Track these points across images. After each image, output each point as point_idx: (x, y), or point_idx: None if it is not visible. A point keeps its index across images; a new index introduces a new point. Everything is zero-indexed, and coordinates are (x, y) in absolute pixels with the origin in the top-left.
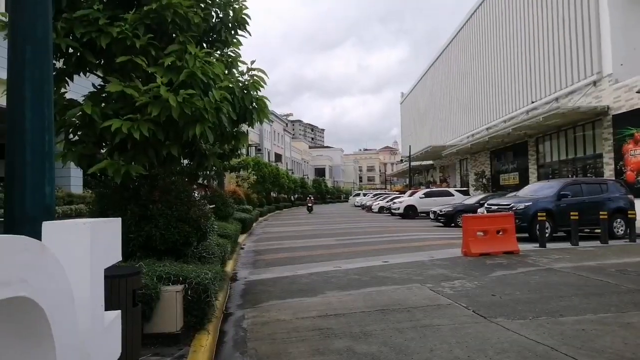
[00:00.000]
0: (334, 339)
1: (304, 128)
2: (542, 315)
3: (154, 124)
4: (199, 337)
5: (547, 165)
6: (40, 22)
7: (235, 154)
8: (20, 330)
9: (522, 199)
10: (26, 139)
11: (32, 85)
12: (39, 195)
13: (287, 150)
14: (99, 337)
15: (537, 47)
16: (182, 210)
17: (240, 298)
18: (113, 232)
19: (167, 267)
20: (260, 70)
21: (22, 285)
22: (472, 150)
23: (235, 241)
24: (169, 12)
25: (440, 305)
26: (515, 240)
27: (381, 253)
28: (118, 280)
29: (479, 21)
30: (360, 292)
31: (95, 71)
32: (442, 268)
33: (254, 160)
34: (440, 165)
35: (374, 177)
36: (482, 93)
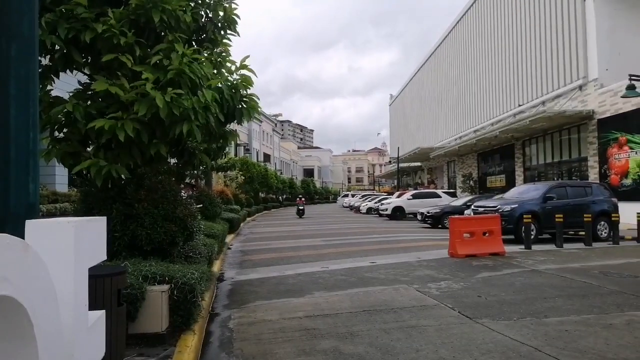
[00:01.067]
0: (320, 339)
1: (293, 128)
2: (526, 316)
3: (140, 123)
4: (185, 337)
5: (533, 167)
6: (26, 19)
7: (223, 152)
8: (1, 330)
9: (509, 201)
10: (10, 136)
11: (17, 82)
12: (22, 193)
13: (275, 151)
14: (82, 336)
15: (525, 51)
16: (168, 209)
17: (226, 298)
18: (98, 231)
19: (153, 266)
20: (249, 70)
21: (4, 284)
22: (460, 152)
23: (222, 241)
24: (157, 10)
25: (426, 306)
26: (501, 241)
27: (368, 254)
28: (103, 279)
29: (468, 25)
30: (347, 292)
31: (82, 69)
32: (429, 269)
33: (242, 160)
34: (428, 167)
35: (362, 178)
36: (470, 96)
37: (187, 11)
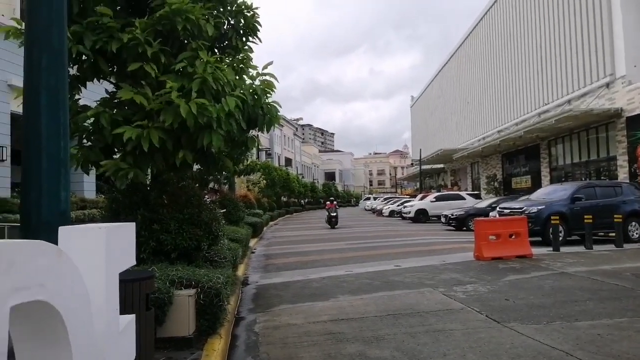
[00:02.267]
0: (345, 343)
1: (314, 132)
2: (556, 320)
3: (164, 132)
4: (211, 341)
5: (559, 168)
6: (56, 31)
7: (245, 158)
8: (37, 334)
9: (535, 202)
10: (42, 146)
11: (48, 92)
12: (54, 201)
13: (297, 155)
14: (114, 340)
15: (549, 49)
16: (193, 214)
17: (251, 302)
18: (127, 237)
19: (179, 271)
20: (271, 75)
21: (39, 290)
22: (484, 153)
23: (246, 245)
24: (180, 18)
25: (452, 310)
26: (528, 244)
27: (392, 257)
28: (132, 284)
29: (490, 23)
30: (372, 296)
31: (109, 78)
32: (454, 272)
33: (264, 165)
34: (451, 168)
35: (384, 181)
36: (493, 96)
37: (209, 19)
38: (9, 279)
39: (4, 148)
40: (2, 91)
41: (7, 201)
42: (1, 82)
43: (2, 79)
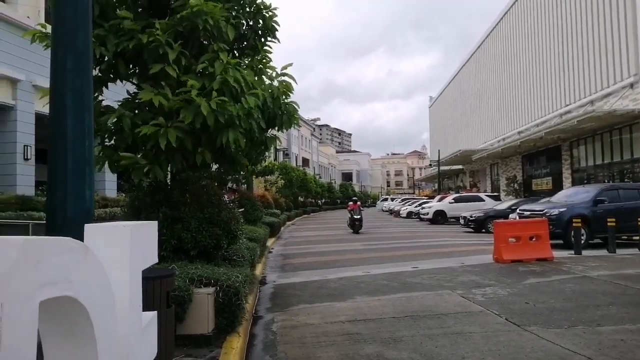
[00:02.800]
0: (363, 344)
1: (331, 132)
2: (578, 325)
3: (183, 132)
4: (230, 339)
5: (581, 170)
6: (81, 33)
7: (263, 158)
8: (64, 329)
9: (556, 204)
10: (68, 145)
11: (74, 93)
12: (79, 200)
13: (314, 155)
14: (137, 337)
15: (571, 49)
16: (213, 213)
17: (269, 301)
18: (150, 235)
19: (198, 269)
20: (289, 76)
21: (67, 285)
22: (503, 154)
23: (264, 245)
24: (201, 20)
25: (471, 312)
26: (549, 246)
27: (410, 259)
28: (153, 281)
29: (511, 23)
30: (390, 297)
31: (130, 79)
32: (473, 274)
33: (281, 165)
34: (470, 169)
35: (401, 182)
36: (513, 96)
37: (229, 20)
38: (38, 274)
39: (28, 147)
40: (27, 91)
41: (31, 199)
42: (26, 82)
43: (27, 79)
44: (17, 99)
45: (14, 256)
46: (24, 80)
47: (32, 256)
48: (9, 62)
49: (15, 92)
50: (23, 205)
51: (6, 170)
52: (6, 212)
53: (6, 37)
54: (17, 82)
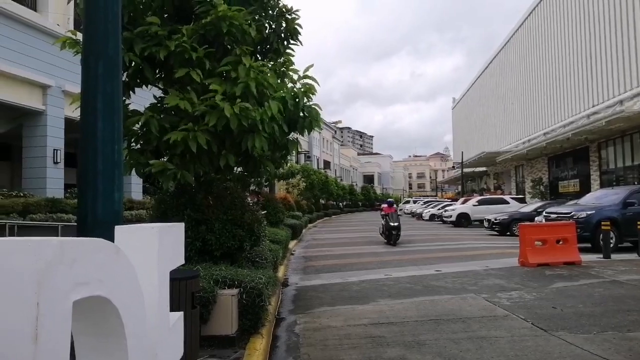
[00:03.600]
0: (386, 347)
1: (353, 135)
2: (607, 330)
3: (210, 135)
4: (254, 341)
5: (610, 171)
6: (112, 40)
7: (285, 160)
8: (96, 328)
9: (584, 207)
10: (98, 149)
11: (104, 98)
12: (109, 201)
13: (335, 158)
14: (164, 337)
15: (599, 48)
16: (236, 215)
17: (291, 303)
18: (177, 237)
19: (222, 270)
20: (312, 79)
21: (99, 285)
22: (529, 156)
23: (286, 247)
24: (225, 24)
25: (496, 317)
26: (576, 250)
27: (433, 262)
28: (178, 282)
29: (536, 22)
30: (413, 300)
31: (156, 84)
32: (498, 278)
33: (303, 168)
34: (494, 171)
35: (424, 184)
36: (538, 97)
37: (252, 24)
38: (72, 274)
39: (58, 151)
40: (57, 97)
41: (60, 201)
42: (56, 88)
43: (56, 85)
44: (47, 104)
45: (50, 256)
46: (53, 86)
47: (68, 256)
48: (39, 69)
49: (45, 98)
50: (52, 207)
51: (36, 173)
52: (37, 214)
53: (37, 45)
54: (47, 87)
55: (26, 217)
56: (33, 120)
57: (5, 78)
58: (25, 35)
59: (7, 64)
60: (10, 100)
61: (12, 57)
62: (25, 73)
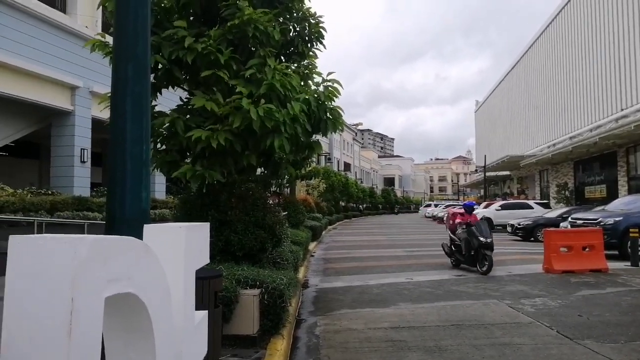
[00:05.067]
0: (407, 351)
1: (373, 137)
2: (636, 340)
3: (232, 135)
4: (274, 341)
5: (638, 177)
6: (141, 42)
7: (307, 163)
8: (125, 324)
9: (612, 213)
10: (126, 149)
11: (133, 99)
12: (136, 200)
13: (356, 160)
14: (190, 334)
15: (627, 50)
16: (258, 217)
17: (312, 305)
18: (203, 236)
19: (245, 271)
20: (336, 82)
21: (129, 282)
22: (553, 160)
23: (306, 248)
24: (250, 27)
25: (520, 324)
26: (603, 257)
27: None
28: (202, 281)
29: (563, 24)
30: (434, 305)
31: (182, 85)
32: (522, 284)
33: (324, 170)
34: (517, 176)
35: (445, 188)
36: (564, 100)
37: (276, 27)
38: (105, 271)
39: (85, 150)
40: (85, 98)
41: (87, 200)
42: (84, 89)
43: (84, 86)
44: (76, 104)
45: (85, 254)
46: (82, 87)
47: (101, 254)
48: (68, 70)
49: (73, 98)
50: (79, 206)
51: (64, 172)
52: (64, 211)
53: (66, 46)
54: (75, 88)
55: (54, 214)
56: (61, 120)
57: (36, 79)
58: (55, 37)
59: (38, 65)
60: (40, 100)
61: (42, 58)
62: (54, 74)
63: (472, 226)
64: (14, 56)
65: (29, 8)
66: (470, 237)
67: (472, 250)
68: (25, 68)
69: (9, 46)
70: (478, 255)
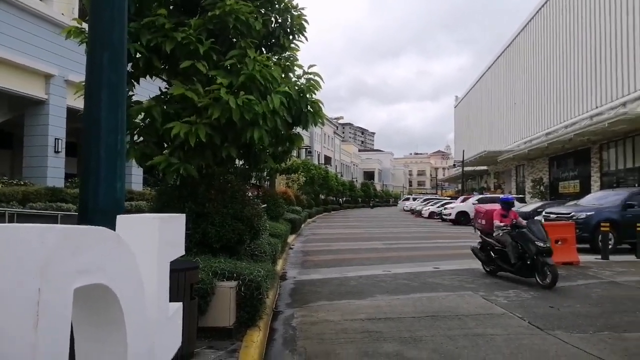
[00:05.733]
0: (382, 342)
1: (354, 131)
2: (604, 330)
3: (212, 128)
4: (251, 333)
5: (611, 173)
6: (117, 29)
7: (288, 156)
8: (95, 316)
9: (584, 207)
10: (101, 138)
11: (109, 88)
12: (110, 190)
13: (336, 153)
14: (163, 327)
15: (603, 49)
16: (236, 209)
17: (289, 297)
18: (178, 227)
19: (222, 263)
20: (317, 74)
21: (100, 273)
22: (530, 156)
23: (285, 241)
24: (231, 18)
25: (493, 315)
26: (575, 251)
27: (431, 259)
28: (177, 273)
29: (541, 22)
30: (410, 297)
31: (161, 75)
32: (496, 277)
33: (304, 163)
34: (495, 170)
35: (424, 182)
36: (541, 97)
37: (258, 18)
38: (75, 262)
39: (59, 140)
40: (60, 86)
41: (61, 191)
42: (59, 78)
43: (60, 75)
44: (50, 93)
45: (53, 243)
46: (57, 75)
47: (71, 244)
48: (43, 58)
49: (48, 87)
50: (52, 197)
51: (37, 162)
52: (36, 202)
53: (41, 34)
54: (50, 77)
55: (26, 205)
56: (35, 109)
57: (9, 66)
58: (30, 24)
59: (11, 53)
60: (13, 88)
61: (16, 45)
62: (28, 62)
63: (523, 228)
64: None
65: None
66: (524, 242)
67: (527, 259)
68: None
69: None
70: (536, 265)
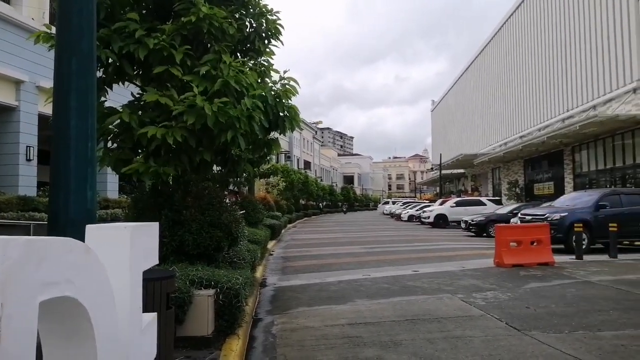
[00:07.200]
0: (363, 347)
1: (333, 136)
2: (579, 330)
3: (187, 131)
4: (230, 342)
5: (583, 174)
6: (86, 36)
7: (265, 161)
8: (64, 330)
9: (558, 209)
10: (71, 146)
11: (78, 95)
12: (81, 200)
13: (316, 158)
14: (136, 338)
15: (574, 54)
16: (214, 216)
17: (269, 304)
18: (151, 236)
19: (199, 271)
20: (293, 80)
21: (67, 286)
22: (505, 159)
23: (264, 247)
24: (205, 23)
25: (472, 317)
26: (550, 251)
27: (411, 262)
28: (153, 283)
29: (514, 28)
30: (390, 301)
31: (134, 81)
32: (474, 278)
33: (283, 168)
34: (471, 173)
35: (403, 185)
36: (515, 101)
37: (232, 23)
38: (39, 275)
39: (31, 148)
40: (30, 93)
41: (33, 200)
42: (30, 84)
43: (30, 81)
44: (21, 99)
45: (16, 256)
46: (27, 81)
47: (34, 256)
48: (13, 63)
49: (18, 93)
50: (25, 206)
51: (8, 170)
52: (7, 212)
53: (10, 39)
54: (20, 83)
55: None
56: (5, 116)
57: None
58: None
59: None
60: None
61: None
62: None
63: None
64: None
65: None
66: None
67: None
68: None
69: None
70: None
